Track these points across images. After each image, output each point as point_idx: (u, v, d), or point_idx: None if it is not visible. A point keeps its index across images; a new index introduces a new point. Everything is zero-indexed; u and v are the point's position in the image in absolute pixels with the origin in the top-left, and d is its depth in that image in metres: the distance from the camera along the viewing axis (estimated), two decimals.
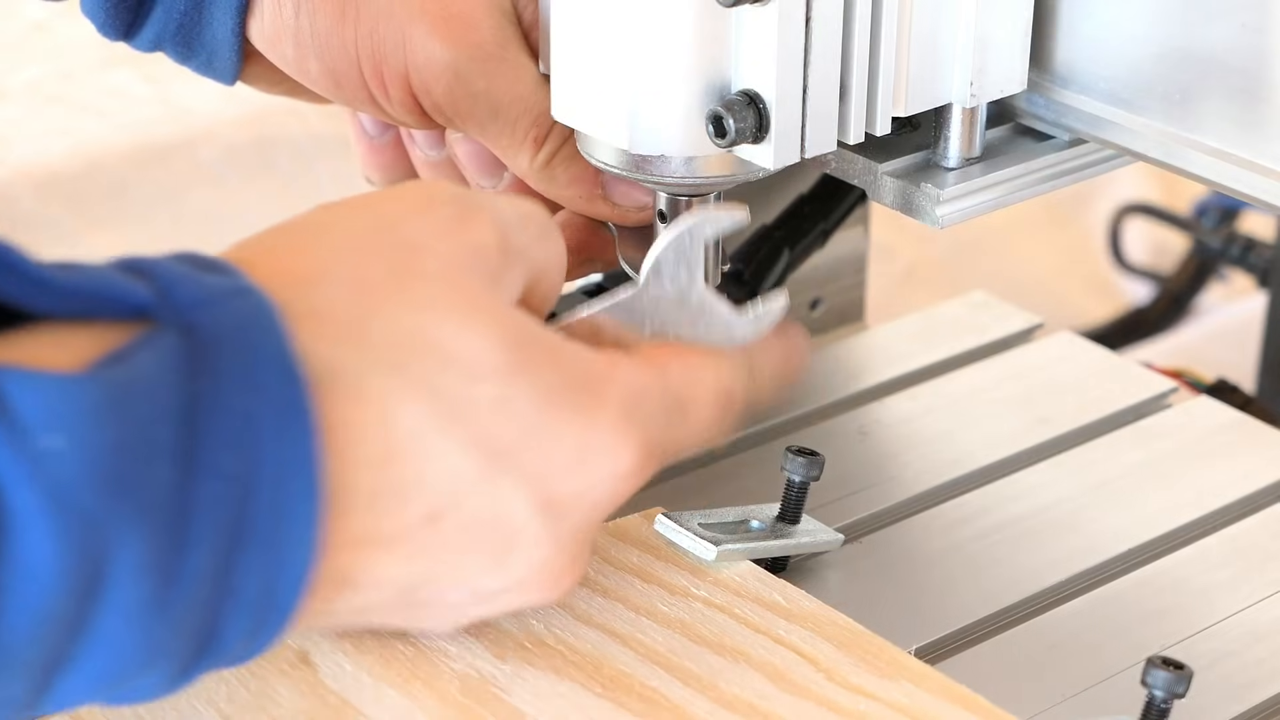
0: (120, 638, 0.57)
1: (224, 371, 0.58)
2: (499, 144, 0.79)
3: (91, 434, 0.55)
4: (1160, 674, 0.68)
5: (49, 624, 0.55)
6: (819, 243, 0.95)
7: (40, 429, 0.54)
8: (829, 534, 0.80)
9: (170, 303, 0.58)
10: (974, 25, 0.75)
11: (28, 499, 0.54)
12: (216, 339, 0.58)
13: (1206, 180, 0.74)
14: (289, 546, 0.59)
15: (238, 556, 0.58)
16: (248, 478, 0.58)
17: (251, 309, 0.59)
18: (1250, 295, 1.70)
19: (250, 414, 0.58)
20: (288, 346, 0.59)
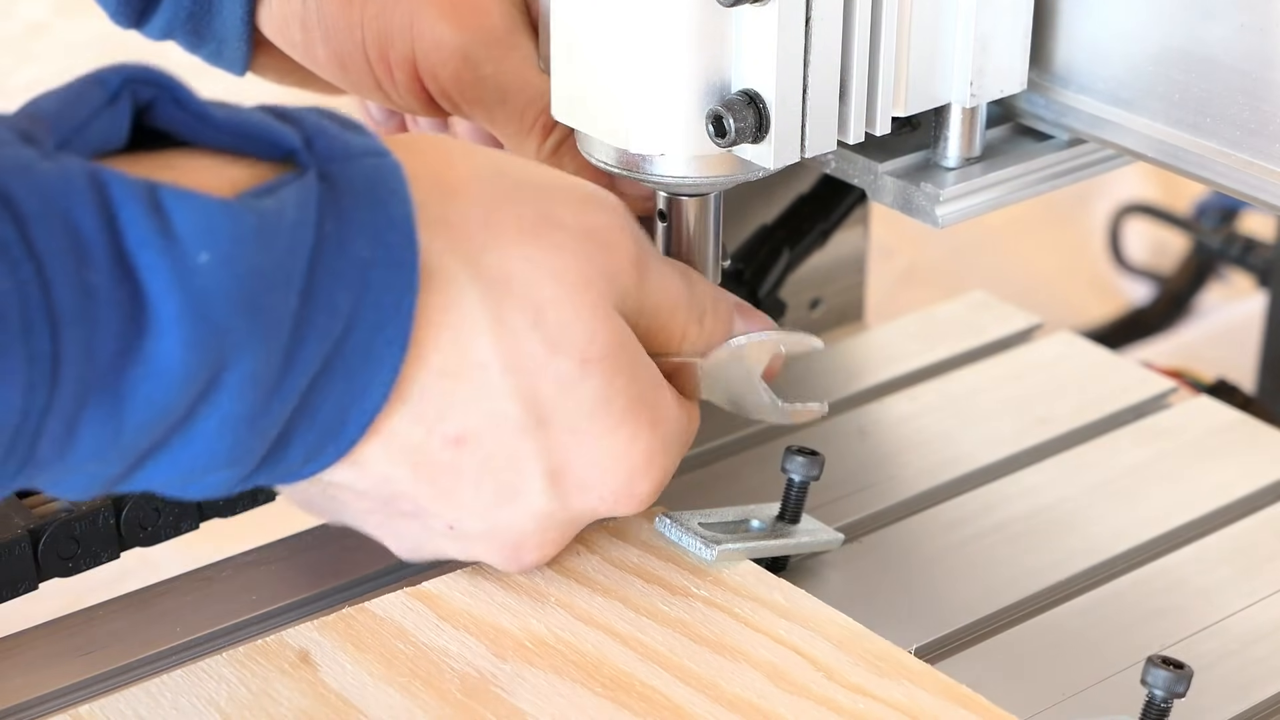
0: (214, 438, 0.63)
1: (352, 220, 0.63)
2: (505, 130, 0.79)
3: (238, 256, 0.60)
4: (1160, 673, 0.68)
5: (163, 417, 0.61)
6: (819, 243, 0.95)
7: (195, 244, 0.59)
8: (829, 534, 0.80)
9: (314, 150, 0.63)
10: (974, 25, 0.75)
11: (171, 306, 0.59)
12: (351, 189, 0.63)
13: (1206, 180, 0.74)
14: (367, 384, 0.65)
15: (325, 381, 0.64)
16: (352, 316, 0.64)
17: (384, 170, 0.65)
18: (1250, 295, 1.70)
19: (367, 262, 0.63)
20: (409, 211, 0.65)
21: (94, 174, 0.59)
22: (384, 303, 0.64)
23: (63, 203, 0.58)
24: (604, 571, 0.75)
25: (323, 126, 0.64)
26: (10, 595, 0.77)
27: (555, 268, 0.68)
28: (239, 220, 0.60)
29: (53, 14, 1.71)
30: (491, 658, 0.70)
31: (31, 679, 0.74)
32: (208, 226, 0.59)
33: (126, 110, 0.62)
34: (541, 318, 0.68)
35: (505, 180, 0.69)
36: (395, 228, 0.64)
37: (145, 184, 0.59)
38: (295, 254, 0.62)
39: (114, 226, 0.58)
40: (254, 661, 0.70)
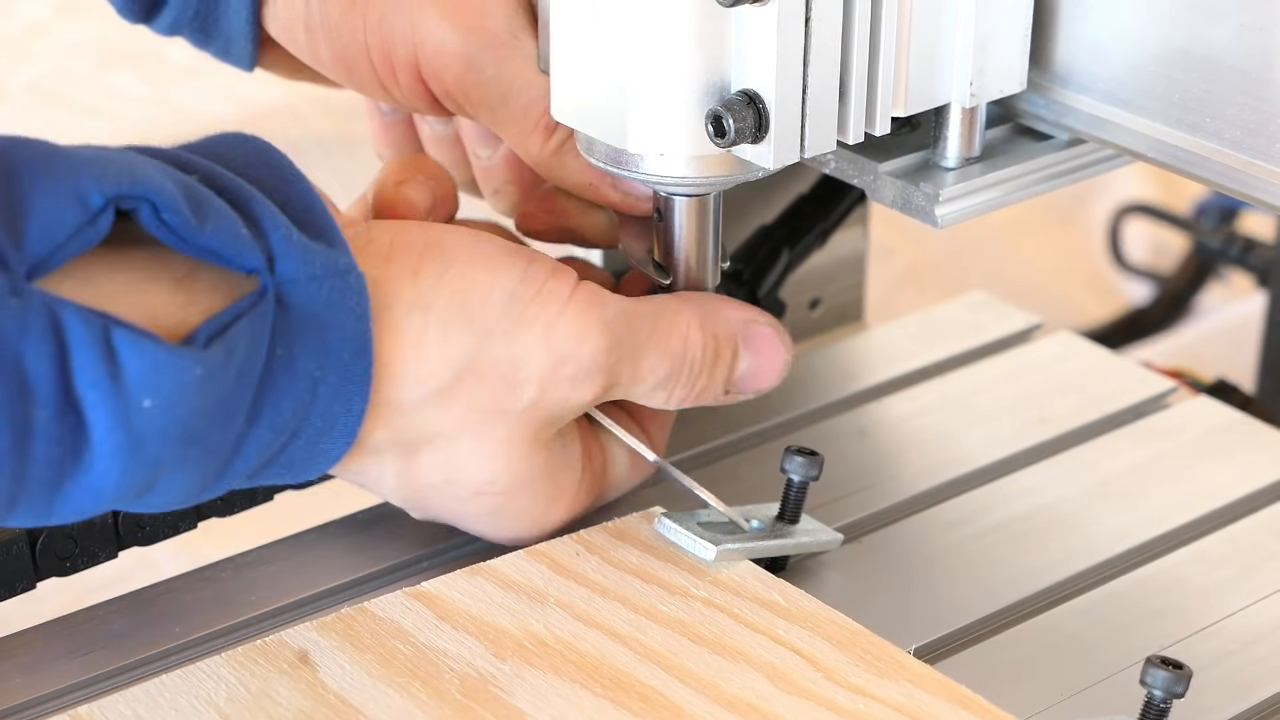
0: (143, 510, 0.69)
1: (303, 342, 0.67)
2: (509, 131, 0.80)
3: (180, 402, 0.64)
4: (1159, 674, 0.68)
5: (91, 514, 0.66)
6: (819, 243, 0.95)
7: (140, 390, 0.63)
8: (829, 534, 0.80)
9: (276, 272, 0.67)
10: (974, 25, 0.75)
11: (111, 443, 0.63)
12: (307, 313, 0.67)
13: (1206, 180, 0.74)
14: (307, 475, 0.71)
15: (262, 474, 0.69)
16: (298, 425, 0.68)
17: (341, 290, 0.68)
18: (1250, 295, 1.70)
19: (316, 379, 0.68)
20: (367, 327, 0.69)
21: (54, 314, 0.62)
22: (334, 410, 0.69)
23: (18, 346, 0.61)
24: (603, 572, 0.75)
25: (289, 244, 0.67)
26: (8, 595, 0.77)
27: (468, 419, 0.73)
28: (185, 370, 0.64)
29: (53, 14, 1.71)
30: (490, 658, 0.70)
31: (31, 679, 0.74)
32: (154, 374, 0.63)
33: (107, 225, 0.64)
34: (452, 461, 0.74)
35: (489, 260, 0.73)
36: (349, 344, 0.68)
37: (101, 323, 0.62)
38: (242, 388, 0.66)
39: (66, 367, 0.62)
40: (253, 662, 0.70)
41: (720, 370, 0.78)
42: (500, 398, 0.73)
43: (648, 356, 0.75)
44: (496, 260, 0.73)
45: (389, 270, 0.71)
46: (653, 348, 0.76)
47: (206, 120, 1.55)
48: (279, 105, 1.56)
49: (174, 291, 0.66)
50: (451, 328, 0.72)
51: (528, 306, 0.73)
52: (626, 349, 0.75)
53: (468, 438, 0.73)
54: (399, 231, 0.73)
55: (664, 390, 0.77)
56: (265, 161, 0.70)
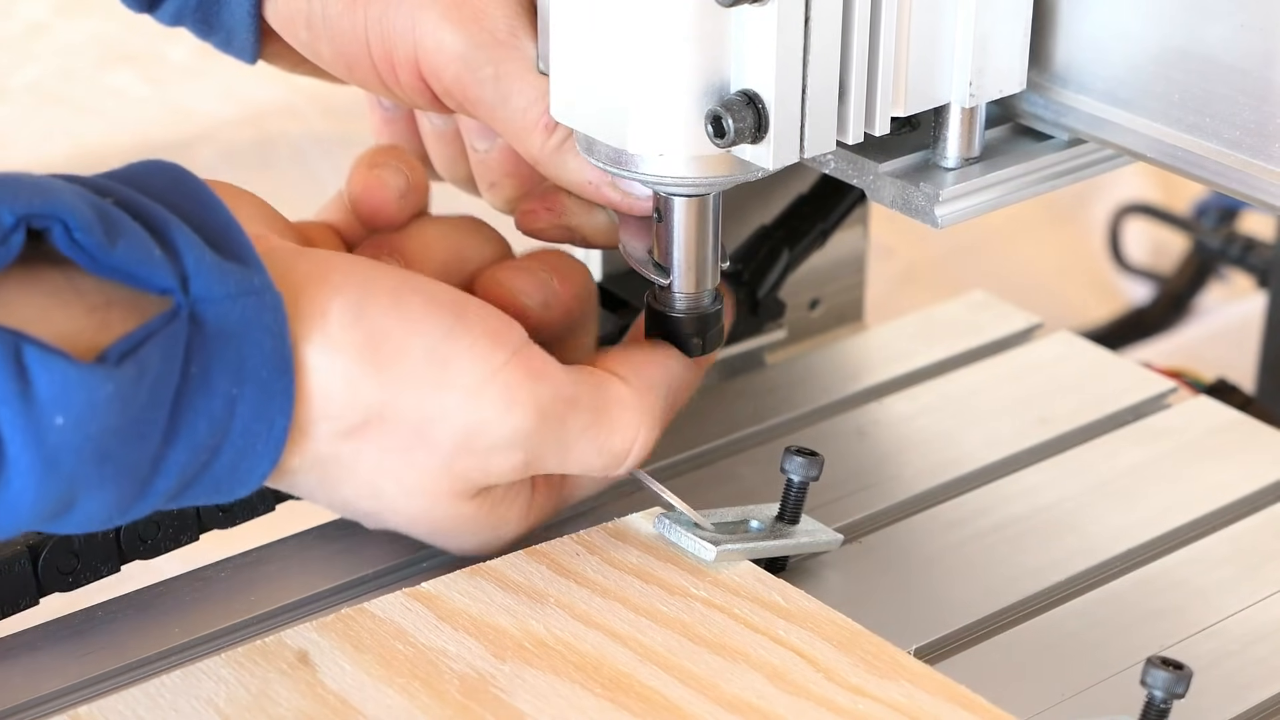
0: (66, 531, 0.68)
1: (218, 360, 0.66)
2: (508, 129, 0.80)
3: (91, 419, 0.64)
4: (1160, 674, 0.67)
5: (10, 534, 0.66)
6: (819, 243, 0.95)
7: (51, 407, 0.63)
8: (829, 534, 0.80)
9: (190, 291, 0.66)
10: (973, 25, 0.75)
11: (25, 460, 0.63)
12: (221, 332, 0.66)
13: (1206, 180, 0.74)
14: (233, 495, 0.69)
15: (187, 495, 0.68)
16: (217, 445, 0.67)
17: (256, 308, 0.67)
18: (1250, 295, 1.70)
19: (232, 396, 0.67)
20: (284, 345, 0.68)
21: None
22: (254, 428, 0.68)
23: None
24: (603, 572, 0.75)
25: (203, 264, 0.66)
26: (11, 611, 0.77)
27: (383, 461, 0.72)
28: (97, 388, 0.63)
29: (53, 14, 1.71)
30: (490, 658, 0.70)
31: (31, 679, 0.74)
32: (65, 392, 0.63)
33: (19, 243, 0.64)
34: (377, 494, 0.73)
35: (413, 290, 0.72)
36: (267, 362, 0.67)
37: (12, 341, 0.62)
38: (156, 406, 0.65)
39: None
40: (253, 662, 0.70)
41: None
42: (412, 448, 0.71)
43: (580, 449, 0.74)
44: (419, 311, 0.71)
45: (300, 305, 0.69)
46: (588, 442, 0.74)
47: (206, 120, 1.55)
48: (279, 105, 1.56)
49: (87, 313, 0.66)
50: (359, 374, 0.70)
51: (448, 366, 0.71)
52: (554, 436, 0.73)
53: (387, 479, 0.72)
54: (321, 263, 0.71)
55: (598, 473, 0.76)
56: (182, 188, 0.69)
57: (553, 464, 0.74)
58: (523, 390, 0.72)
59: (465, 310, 0.72)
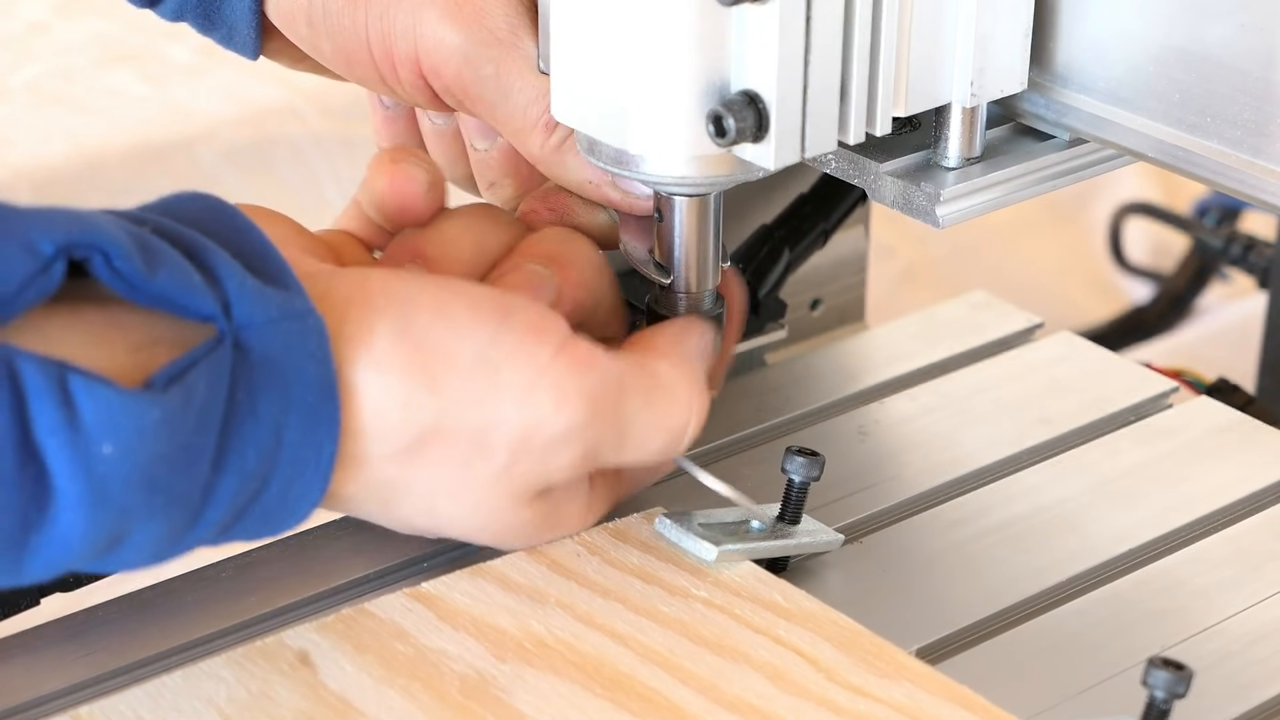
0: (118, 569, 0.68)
1: (263, 387, 0.66)
2: (509, 128, 0.80)
3: (140, 447, 0.63)
4: (1161, 674, 0.67)
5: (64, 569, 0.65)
6: (819, 243, 0.95)
7: (99, 436, 0.62)
8: (829, 534, 0.80)
9: (232, 317, 0.66)
10: (974, 25, 0.75)
11: (75, 490, 0.62)
12: (265, 358, 0.66)
13: (1206, 180, 0.74)
14: (285, 525, 0.69)
15: (238, 527, 0.68)
16: (267, 473, 0.67)
17: (304, 333, 0.67)
18: (1250, 295, 1.70)
19: (280, 424, 0.66)
20: (329, 370, 0.67)
21: (8, 362, 0.61)
22: (302, 455, 0.67)
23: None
24: (604, 572, 0.75)
25: (245, 290, 0.66)
26: (12, 613, 0.77)
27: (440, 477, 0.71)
28: (143, 414, 0.63)
29: (53, 14, 1.71)
30: (491, 659, 0.70)
31: (31, 679, 0.74)
32: (112, 419, 0.62)
33: (60, 274, 0.63)
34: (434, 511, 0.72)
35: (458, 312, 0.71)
36: (312, 388, 0.67)
37: (57, 371, 0.62)
38: (204, 432, 0.65)
39: (24, 414, 0.61)
40: (253, 663, 0.70)
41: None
42: (470, 460, 0.71)
43: (638, 432, 0.73)
44: (463, 318, 0.70)
45: (344, 328, 0.69)
46: (645, 424, 0.73)
47: (206, 120, 1.55)
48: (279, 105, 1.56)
49: (130, 351, 0.65)
50: (412, 392, 0.69)
51: (499, 370, 0.70)
52: (609, 425, 0.72)
53: (443, 496, 0.72)
54: (360, 283, 0.71)
55: (657, 457, 0.75)
56: (216, 215, 0.69)
57: (610, 453, 0.73)
58: (572, 383, 0.71)
59: (509, 311, 0.71)
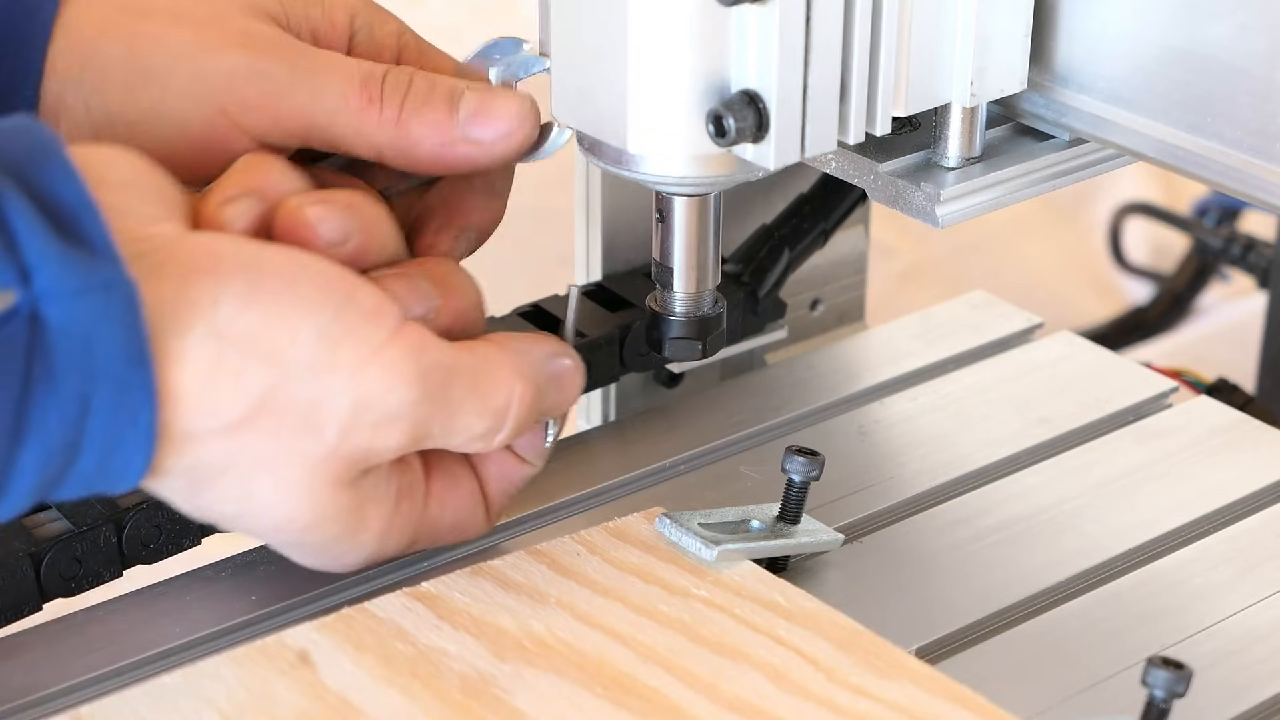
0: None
1: (64, 360, 0.64)
2: (342, 126, 0.76)
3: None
4: (1160, 674, 0.67)
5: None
6: (819, 243, 0.95)
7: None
8: (829, 534, 0.80)
9: (32, 287, 0.63)
10: (974, 25, 0.75)
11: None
12: (64, 329, 0.63)
13: (1206, 180, 0.74)
14: (113, 488, 0.67)
15: (60, 492, 0.66)
16: (76, 442, 0.65)
17: (105, 303, 0.64)
18: (1250, 295, 1.70)
19: (84, 393, 0.64)
20: (138, 336, 0.65)
21: None
22: (117, 423, 0.65)
23: None
24: (604, 572, 0.75)
25: (46, 257, 0.63)
26: (15, 617, 0.76)
27: (263, 455, 0.69)
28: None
29: None
30: (491, 658, 0.70)
31: (31, 679, 0.74)
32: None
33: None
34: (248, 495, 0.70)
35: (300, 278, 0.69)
36: (119, 357, 0.64)
37: None
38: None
39: None
40: (253, 662, 0.70)
41: (538, 415, 0.75)
42: (299, 437, 0.69)
43: (464, 414, 0.72)
44: (310, 293, 0.68)
45: (186, 292, 0.66)
46: (471, 405, 0.72)
47: None
48: None
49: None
50: (249, 363, 0.67)
51: (337, 347, 0.69)
52: (440, 403, 0.71)
53: (264, 475, 0.69)
54: (210, 248, 0.68)
55: (483, 442, 0.73)
56: (39, 156, 0.65)
57: (439, 433, 0.72)
58: (406, 362, 0.70)
59: (353, 291, 0.70)
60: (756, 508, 0.79)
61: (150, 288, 0.66)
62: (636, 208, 0.93)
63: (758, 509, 0.79)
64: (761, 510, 0.79)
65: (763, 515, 0.79)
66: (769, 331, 0.97)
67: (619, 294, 0.92)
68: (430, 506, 0.75)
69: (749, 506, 0.79)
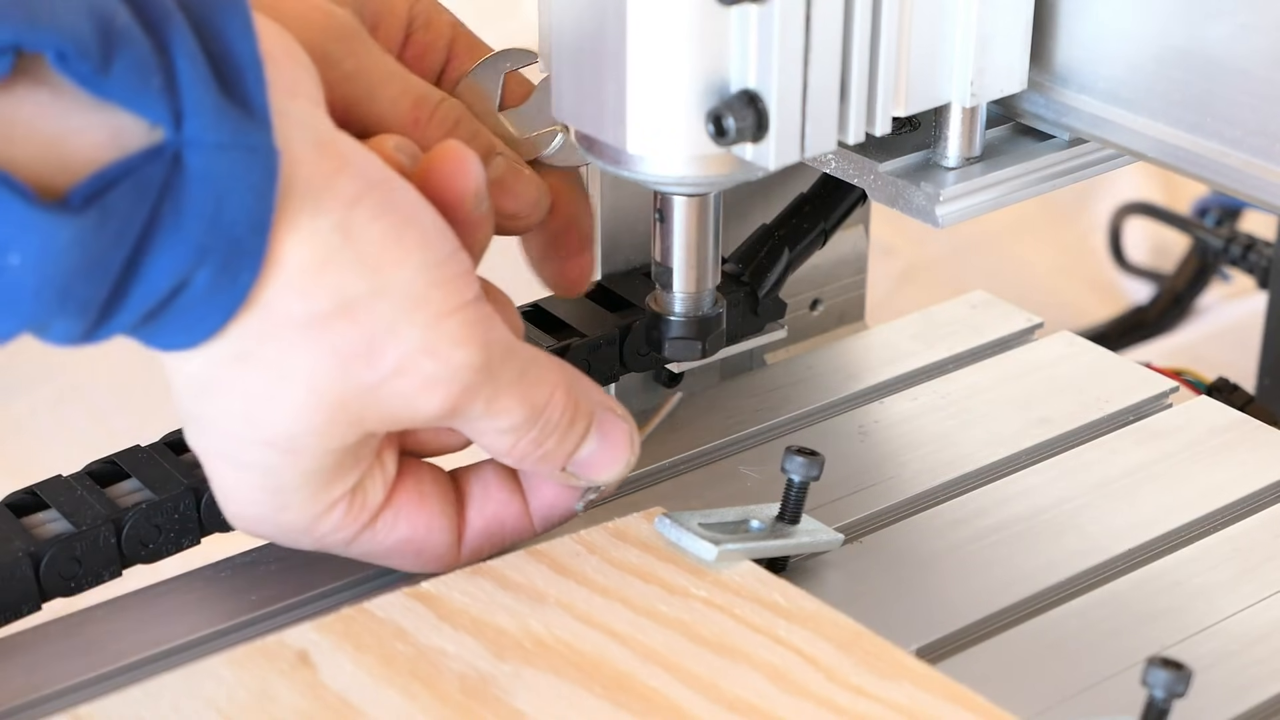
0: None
1: (193, 207, 0.65)
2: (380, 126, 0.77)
3: (47, 262, 0.63)
4: (1160, 674, 0.67)
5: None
6: (819, 243, 0.95)
7: (6, 247, 0.62)
8: (829, 534, 0.80)
9: (183, 130, 0.64)
10: (974, 25, 0.75)
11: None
12: (202, 177, 0.65)
13: (1206, 179, 0.74)
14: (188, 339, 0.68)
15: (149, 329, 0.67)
16: (181, 284, 0.66)
17: (246, 164, 0.65)
18: (1251, 295, 1.70)
19: (204, 245, 0.65)
20: (266, 205, 0.66)
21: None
22: (220, 280, 0.66)
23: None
24: (603, 571, 0.75)
25: (202, 105, 0.64)
26: (14, 618, 0.76)
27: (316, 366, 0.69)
28: (54, 233, 0.62)
29: None
30: (491, 658, 0.70)
31: (31, 679, 0.74)
32: (21, 234, 0.62)
33: (5, 67, 0.62)
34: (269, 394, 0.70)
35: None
36: (243, 218, 0.66)
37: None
38: (120, 246, 0.64)
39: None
40: (253, 662, 0.70)
41: (570, 440, 0.75)
42: (354, 359, 0.69)
43: (507, 397, 0.72)
44: (430, 231, 0.70)
45: (336, 180, 0.68)
46: (515, 390, 0.73)
47: None
48: None
49: (71, 133, 0.64)
50: (357, 267, 0.68)
51: (433, 286, 0.70)
52: (491, 378, 0.72)
53: (303, 380, 0.69)
54: (361, 153, 0.69)
55: (511, 436, 0.74)
56: (227, 5, 0.66)
57: (479, 410, 0.72)
58: (478, 327, 0.71)
59: (458, 250, 0.71)
60: (756, 508, 0.79)
61: (307, 158, 0.67)
62: (636, 208, 0.93)
63: (758, 509, 0.79)
64: (761, 510, 0.79)
65: (763, 515, 0.79)
66: (769, 331, 0.97)
67: (619, 294, 0.92)
68: (385, 511, 0.75)
69: (749, 506, 0.79)
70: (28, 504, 0.79)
